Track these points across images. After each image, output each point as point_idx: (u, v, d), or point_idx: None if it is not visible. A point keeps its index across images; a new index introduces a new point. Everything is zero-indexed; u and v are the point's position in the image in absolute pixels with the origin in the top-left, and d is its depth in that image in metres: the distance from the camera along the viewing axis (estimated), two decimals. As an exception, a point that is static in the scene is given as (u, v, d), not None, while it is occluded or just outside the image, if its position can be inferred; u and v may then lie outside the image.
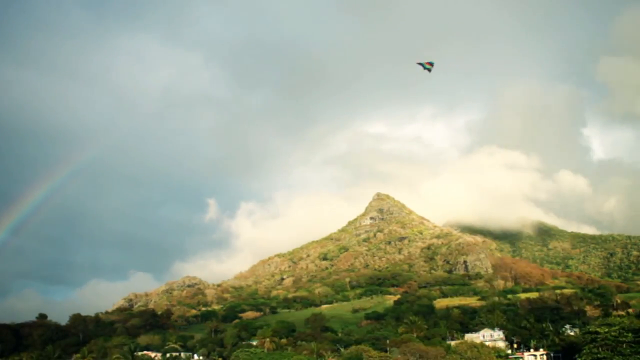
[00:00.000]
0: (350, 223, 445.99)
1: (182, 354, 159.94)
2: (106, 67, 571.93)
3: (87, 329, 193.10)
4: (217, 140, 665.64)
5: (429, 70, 72.47)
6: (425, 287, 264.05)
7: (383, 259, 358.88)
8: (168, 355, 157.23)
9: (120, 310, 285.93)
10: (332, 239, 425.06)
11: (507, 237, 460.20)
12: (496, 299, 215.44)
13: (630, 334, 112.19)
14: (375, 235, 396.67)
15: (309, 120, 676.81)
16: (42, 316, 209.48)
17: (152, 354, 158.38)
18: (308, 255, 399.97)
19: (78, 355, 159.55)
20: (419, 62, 73.58)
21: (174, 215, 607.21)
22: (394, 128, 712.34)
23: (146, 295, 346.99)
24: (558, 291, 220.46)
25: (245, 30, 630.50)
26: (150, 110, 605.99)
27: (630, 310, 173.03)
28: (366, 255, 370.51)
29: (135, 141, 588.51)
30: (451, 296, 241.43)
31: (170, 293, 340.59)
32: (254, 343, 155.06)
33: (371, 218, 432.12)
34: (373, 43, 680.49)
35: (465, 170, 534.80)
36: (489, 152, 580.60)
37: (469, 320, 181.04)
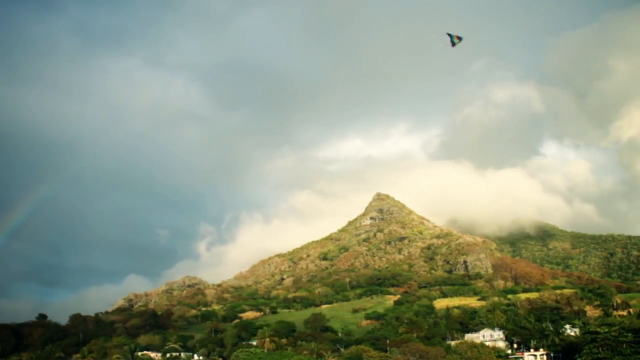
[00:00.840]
0: (350, 223, 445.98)
1: (182, 354, 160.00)
2: (98, 87, 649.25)
3: (87, 329, 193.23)
4: (201, 153, 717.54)
5: (454, 44, 71.20)
6: (425, 287, 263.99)
7: (383, 259, 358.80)
8: (168, 355, 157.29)
9: (120, 310, 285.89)
10: (332, 239, 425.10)
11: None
12: (496, 299, 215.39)
13: (630, 334, 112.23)
14: (375, 235, 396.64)
15: (284, 137, 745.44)
16: (42, 316, 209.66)
17: (152, 354, 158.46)
18: (308, 255, 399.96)
19: (78, 355, 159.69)
20: (449, 32, 71.65)
21: (164, 220, 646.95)
22: (370, 143, 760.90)
23: (146, 295, 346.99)
24: (558, 291, 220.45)
25: (222, 53, 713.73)
26: (139, 124, 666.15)
27: (630, 310, 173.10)
28: (366, 255, 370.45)
29: (126, 152, 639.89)
30: (451, 296, 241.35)
31: (170, 293, 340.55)
32: (254, 343, 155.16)
33: (371, 218, 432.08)
34: (338, 65, 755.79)
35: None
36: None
37: (469, 320, 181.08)
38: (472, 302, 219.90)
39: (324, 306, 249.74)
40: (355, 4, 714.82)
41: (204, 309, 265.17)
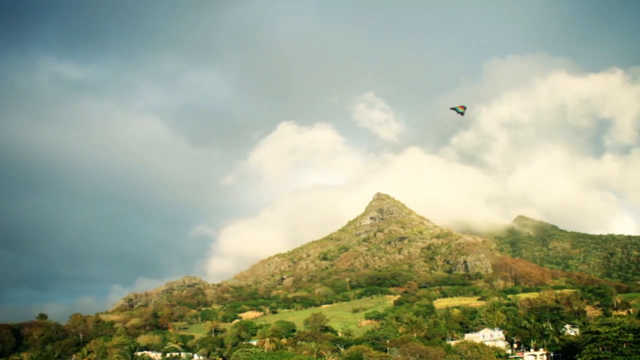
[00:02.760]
0: (350, 223, 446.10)
1: (182, 354, 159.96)
2: (82, 122, 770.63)
3: (87, 329, 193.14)
4: (174, 176, 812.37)
5: (462, 114, 74.29)
6: (425, 287, 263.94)
7: (383, 259, 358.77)
8: (168, 355, 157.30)
9: (120, 310, 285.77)
10: (332, 239, 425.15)
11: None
12: (496, 299, 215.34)
13: (630, 334, 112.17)
14: (375, 235, 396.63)
15: (240, 169, 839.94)
16: (42, 316, 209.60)
17: (152, 354, 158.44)
18: (308, 255, 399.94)
19: (78, 355, 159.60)
20: (452, 107, 75.27)
21: (148, 233, 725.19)
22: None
23: (146, 295, 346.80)
24: (558, 291, 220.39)
25: (178, 100, 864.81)
26: (119, 152, 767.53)
27: (630, 310, 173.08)
28: (366, 255, 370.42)
29: (111, 173, 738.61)
30: (451, 296, 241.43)
31: (170, 293, 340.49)
32: (254, 343, 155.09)
33: (371, 218, 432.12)
34: (273, 105, 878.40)
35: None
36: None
37: (469, 320, 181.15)
38: (472, 302, 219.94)
39: (324, 306, 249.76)
40: (279, 61, 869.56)
41: (204, 309, 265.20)
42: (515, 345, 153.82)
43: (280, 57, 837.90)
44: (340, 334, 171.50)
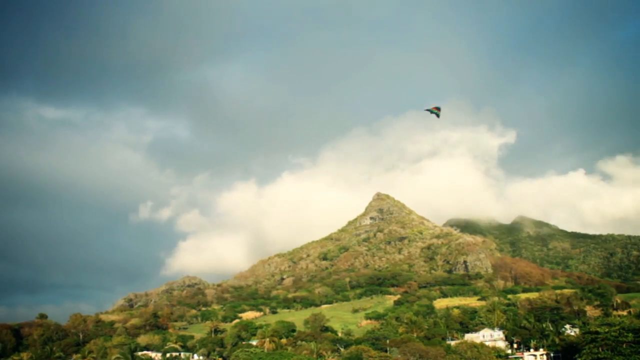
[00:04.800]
0: (350, 223, 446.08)
1: (182, 354, 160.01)
2: (66, 151, 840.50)
3: (87, 329, 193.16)
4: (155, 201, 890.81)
5: (437, 115, 74.06)
6: (425, 287, 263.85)
7: (383, 259, 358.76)
8: (168, 355, 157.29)
9: (120, 310, 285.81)
10: (332, 239, 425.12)
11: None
12: (496, 299, 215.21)
13: (630, 334, 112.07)
14: (375, 235, 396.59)
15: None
16: (42, 316, 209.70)
17: (152, 354, 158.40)
18: (308, 255, 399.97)
19: (78, 355, 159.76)
20: (426, 108, 75.11)
21: (131, 244, 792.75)
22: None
23: (146, 295, 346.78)
24: (558, 291, 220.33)
25: (153, 138, 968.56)
26: (104, 174, 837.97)
27: (630, 310, 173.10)
28: (366, 255, 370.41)
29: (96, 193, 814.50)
30: (451, 296, 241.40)
31: (170, 293, 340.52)
32: (254, 343, 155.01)
33: (371, 218, 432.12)
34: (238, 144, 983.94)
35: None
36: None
37: (469, 320, 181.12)
38: (472, 302, 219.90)
39: (324, 306, 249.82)
40: (226, 115, 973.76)
41: (204, 309, 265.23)
42: (515, 345, 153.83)
43: (227, 111, 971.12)
44: (340, 334, 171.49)
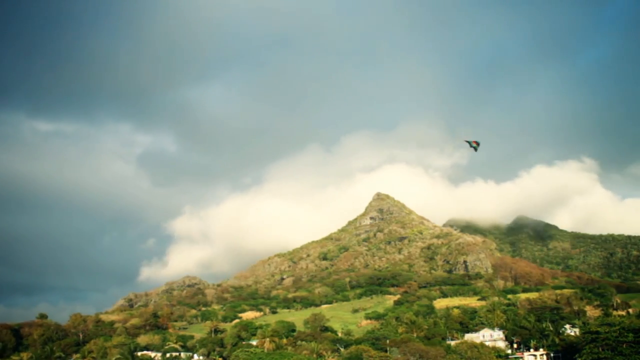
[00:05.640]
0: (350, 223, 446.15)
1: (182, 354, 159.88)
2: (58, 165, 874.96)
3: (87, 329, 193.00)
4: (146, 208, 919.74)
5: (475, 149, 76.46)
6: (425, 287, 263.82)
7: (383, 259, 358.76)
8: (168, 355, 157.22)
9: (120, 310, 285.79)
10: (332, 239, 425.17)
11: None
12: (496, 299, 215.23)
13: (630, 334, 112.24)
14: (375, 235, 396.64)
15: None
16: (42, 316, 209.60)
17: (152, 354, 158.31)
18: (308, 255, 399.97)
19: (78, 355, 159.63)
20: (466, 140, 77.65)
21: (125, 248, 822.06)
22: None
23: (146, 295, 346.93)
24: (558, 291, 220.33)
25: (141, 151, 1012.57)
26: (97, 182, 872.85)
27: (630, 310, 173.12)
28: (366, 255, 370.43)
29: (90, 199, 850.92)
30: (451, 296, 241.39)
31: (170, 293, 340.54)
32: (254, 343, 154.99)
33: (371, 218, 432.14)
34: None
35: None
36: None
37: (469, 320, 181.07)
38: (472, 302, 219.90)
39: (324, 306, 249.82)
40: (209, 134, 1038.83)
41: (204, 309, 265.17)
42: (515, 345, 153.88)
43: (207, 129, 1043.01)
44: (340, 334, 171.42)
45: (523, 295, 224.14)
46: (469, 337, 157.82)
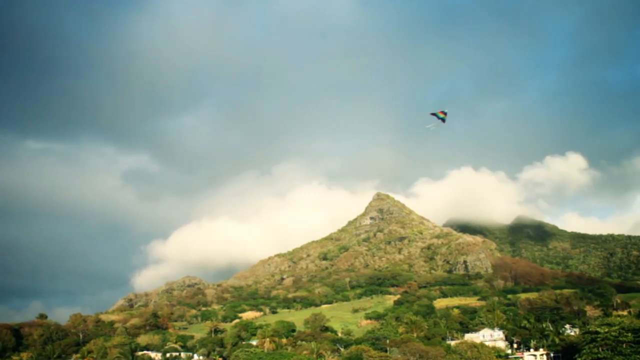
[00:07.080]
0: (350, 223, 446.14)
1: (182, 354, 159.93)
2: (46, 174, 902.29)
3: (87, 329, 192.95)
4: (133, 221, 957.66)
5: (443, 120, 73.94)
6: (425, 287, 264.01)
7: (383, 259, 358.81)
8: (168, 355, 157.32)
9: (120, 310, 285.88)
10: (332, 239, 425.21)
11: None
12: (496, 299, 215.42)
13: (630, 334, 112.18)
14: (375, 235, 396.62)
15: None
16: (42, 316, 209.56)
17: (152, 354, 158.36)
18: (308, 255, 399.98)
19: (78, 355, 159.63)
20: (432, 112, 74.92)
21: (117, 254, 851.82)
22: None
23: (146, 295, 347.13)
24: (558, 291, 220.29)
25: (124, 171, 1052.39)
26: (87, 192, 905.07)
27: (630, 310, 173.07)
28: (366, 255, 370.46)
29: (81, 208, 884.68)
30: (451, 296, 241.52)
31: (170, 293, 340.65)
32: (254, 343, 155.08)
33: (371, 218, 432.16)
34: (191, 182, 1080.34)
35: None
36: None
37: (469, 320, 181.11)
38: (472, 302, 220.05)
39: (324, 306, 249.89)
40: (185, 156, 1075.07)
41: (204, 309, 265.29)
42: (515, 345, 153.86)
43: (182, 154, 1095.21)
44: (340, 334, 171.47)
45: (523, 295, 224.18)
46: (469, 337, 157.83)
